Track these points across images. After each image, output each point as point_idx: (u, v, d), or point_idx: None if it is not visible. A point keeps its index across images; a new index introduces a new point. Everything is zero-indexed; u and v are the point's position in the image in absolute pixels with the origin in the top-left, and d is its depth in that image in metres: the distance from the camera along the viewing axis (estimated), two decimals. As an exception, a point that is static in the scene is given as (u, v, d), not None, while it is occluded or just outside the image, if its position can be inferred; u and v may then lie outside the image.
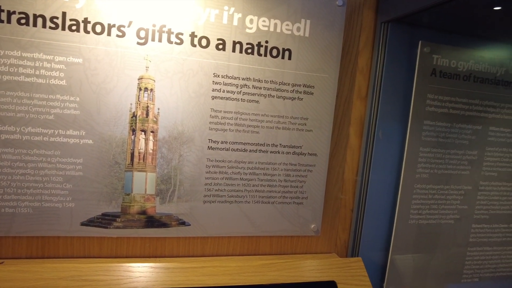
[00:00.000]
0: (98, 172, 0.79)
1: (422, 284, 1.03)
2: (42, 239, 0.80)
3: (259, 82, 0.86)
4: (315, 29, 0.87)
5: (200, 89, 0.82)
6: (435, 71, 0.94)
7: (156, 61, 0.79)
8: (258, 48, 0.85)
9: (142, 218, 0.83)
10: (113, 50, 0.77)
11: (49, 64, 0.74)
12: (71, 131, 0.77)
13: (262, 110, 0.87)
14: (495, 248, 1.08)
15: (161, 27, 0.79)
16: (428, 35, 0.94)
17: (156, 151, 0.82)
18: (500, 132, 1.02)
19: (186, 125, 0.82)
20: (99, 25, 0.76)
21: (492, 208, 1.05)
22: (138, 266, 0.75)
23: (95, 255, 0.83)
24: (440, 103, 0.95)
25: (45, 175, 0.77)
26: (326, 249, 0.99)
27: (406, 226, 0.98)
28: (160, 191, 0.83)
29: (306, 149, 0.91)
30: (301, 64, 0.88)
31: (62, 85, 0.75)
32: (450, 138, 0.98)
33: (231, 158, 0.87)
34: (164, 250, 0.87)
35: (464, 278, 1.06)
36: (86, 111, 0.77)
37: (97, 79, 0.77)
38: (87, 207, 0.80)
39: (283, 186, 0.91)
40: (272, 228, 0.92)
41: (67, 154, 0.77)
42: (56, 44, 0.74)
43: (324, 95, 0.91)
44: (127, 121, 0.80)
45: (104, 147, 0.79)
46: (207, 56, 0.82)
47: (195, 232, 0.87)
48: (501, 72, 0.99)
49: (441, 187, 1.00)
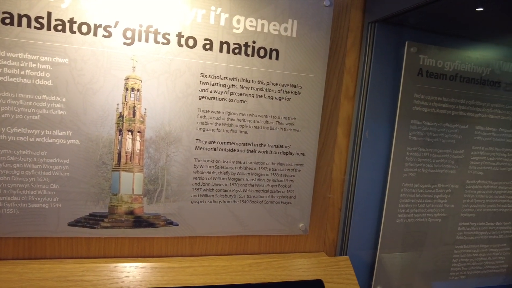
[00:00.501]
0: (85, 172, 0.79)
1: (410, 282, 1.04)
2: (28, 240, 0.80)
3: (246, 82, 0.86)
4: (302, 29, 0.88)
5: (187, 89, 0.82)
6: (422, 71, 0.95)
7: (142, 61, 0.79)
8: (246, 48, 0.85)
9: (130, 218, 0.83)
10: (100, 51, 0.77)
11: (35, 64, 0.74)
12: (58, 131, 0.77)
13: (249, 110, 0.87)
14: (482, 246, 1.09)
15: (147, 27, 0.79)
16: (415, 35, 0.94)
17: (143, 151, 0.82)
18: (486, 132, 1.03)
19: (173, 125, 0.83)
20: (85, 25, 0.76)
21: (479, 206, 1.07)
22: (125, 266, 0.75)
23: (83, 255, 0.83)
24: (427, 102, 0.96)
25: (31, 176, 0.76)
26: (315, 248, 1.00)
27: (394, 225, 0.99)
28: (147, 191, 0.83)
29: (294, 149, 0.92)
30: (289, 64, 0.88)
31: (48, 85, 0.75)
32: (437, 138, 0.99)
33: (219, 158, 0.87)
34: (152, 250, 0.88)
35: (452, 275, 1.08)
36: (72, 111, 0.77)
37: (84, 79, 0.77)
38: (74, 207, 0.80)
39: (271, 186, 0.92)
40: (260, 228, 0.92)
41: (53, 155, 0.77)
42: (41, 44, 0.74)
43: (312, 95, 0.91)
44: (114, 122, 0.80)
45: (91, 148, 0.79)
46: (194, 56, 0.82)
47: (183, 232, 0.87)
48: (486, 72, 1.00)
49: (428, 186, 1.01)
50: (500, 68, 1.03)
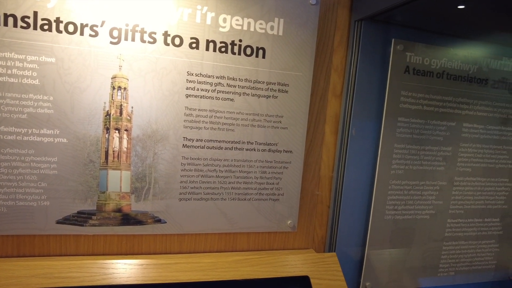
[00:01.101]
0: (73, 170, 0.80)
1: (399, 279, 1.04)
2: (17, 238, 0.81)
3: (233, 81, 0.87)
4: (288, 27, 0.89)
5: (174, 88, 0.83)
6: (409, 68, 0.95)
7: (129, 60, 0.80)
8: (232, 47, 0.86)
9: (118, 216, 0.84)
10: (86, 50, 0.78)
11: (21, 63, 0.75)
12: (45, 130, 0.78)
13: (237, 108, 0.88)
14: (470, 242, 1.10)
15: (134, 26, 0.80)
16: (401, 33, 0.95)
17: (130, 149, 0.83)
18: (473, 129, 1.04)
19: (160, 123, 0.83)
20: (72, 25, 0.76)
21: (467, 203, 1.07)
22: (112, 262, 0.75)
23: (72, 253, 0.84)
24: (414, 100, 0.97)
25: (19, 174, 0.77)
26: (304, 245, 1.01)
27: (382, 222, 1.00)
28: (135, 189, 0.84)
29: (282, 147, 0.93)
30: (275, 63, 0.89)
31: (35, 84, 0.76)
32: (424, 135, 1.00)
33: (206, 156, 0.88)
34: (141, 247, 0.88)
35: (441, 272, 1.08)
36: (60, 110, 0.78)
37: (71, 78, 0.78)
38: (63, 205, 0.80)
39: (259, 183, 0.92)
40: (248, 225, 0.93)
41: (41, 153, 0.78)
42: (28, 44, 0.74)
43: (299, 93, 0.92)
44: (101, 120, 0.80)
45: (78, 146, 0.80)
46: (180, 55, 0.82)
47: (171, 229, 0.88)
48: (473, 69, 1.01)
49: (417, 183, 1.01)
50: (487, 65, 1.04)
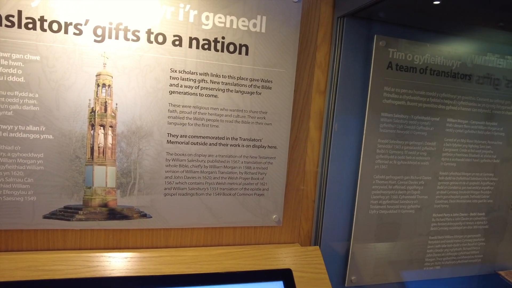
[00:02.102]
0: (59, 166, 0.82)
1: (385, 272, 1.06)
2: (5, 232, 0.82)
3: (217, 77, 0.88)
4: (271, 25, 0.90)
5: (158, 84, 0.84)
6: (391, 64, 0.97)
7: (113, 58, 0.82)
8: (215, 44, 0.87)
9: (104, 211, 0.85)
10: (71, 48, 0.79)
11: (6, 61, 0.76)
12: (31, 126, 0.79)
13: (220, 104, 0.89)
14: (456, 237, 1.11)
15: (117, 24, 0.81)
16: (384, 29, 0.96)
17: (115, 145, 0.84)
18: (457, 124, 1.05)
19: (145, 120, 0.85)
20: (56, 23, 0.78)
21: (452, 197, 1.08)
22: (96, 256, 0.77)
23: (60, 247, 0.86)
24: (397, 95, 0.98)
25: (6, 170, 0.79)
26: (290, 239, 1.02)
27: (366, 216, 1.01)
28: (120, 184, 0.86)
29: (266, 142, 0.94)
30: (258, 59, 0.90)
31: (20, 82, 0.78)
32: (408, 130, 1.01)
33: (191, 152, 0.89)
34: (128, 242, 0.90)
35: (426, 266, 1.10)
36: (45, 107, 0.79)
37: (56, 76, 0.79)
38: (49, 200, 0.82)
39: (244, 178, 0.94)
40: (234, 219, 0.95)
41: (27, 149, 0.80)
42: (12, 42, 0.76)
43: (282, 89, 0.93)
44: (86, 117, 0.82)
45: (64, 142, 0.81)
46: (164, 52, 0.84)
47: (156, 224, 0.89)
48: (456, 65, 1.02)
49: (401, 177, 1.03)
50: (472, 61, 1.05)
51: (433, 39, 1.00)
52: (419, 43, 0.98)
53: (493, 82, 1.08)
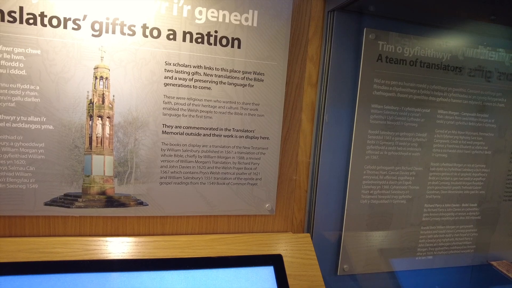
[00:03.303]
0: (59, 155, 0.86)
1: (377, 262, 1.08)
2: (9, 218, 0.86)
3: (210, 70, 0.91)
4: (263, 19, 0.93)
5: (153, 77, 0.88)
6: (381, 56, 0.99)
7: (110, 52, 0.85)
8: (208, 38, 0.90)
9: (102, 198, 0.89)
10: (70, 42, 0.83)
11: (9, 55, 0.80)
12: (32, 117, 0.83)
13: (214, 96, 0.93)
14: (448, 227, 1.13)
15: (114, 19, 0.85)
16: (374, 22, 0.98)
17: (112, 135, 0.88)
18: (448, 115, 1.06)
19: (140, 111, 0.88)
20: (55, 19, 0.82)
21: (444, 188, 1.10)
22: (94, 240, 0.81)
23: (60, 234, 0.90)
24: (387, 87, 1.00)
25: (9, 159, 0.83)
26: (283, 228, 1.05)
27: (358, 206, 1.04)
28: (118, 173, 0.89)
29: (259, 133, 0.97)
30: (251, 53, 0.93)
31: (22, 74, 0.82)
32: (399, 121, 1.03)
33: (185, 142, 0.92)
34: (125, 229, 0.94)
35: (418, 255, 1.11)
36: (46, 98, 0.83)
37: (56, 69, 0.83)
38: (50, 188, 0.86)
39: (237, 168, 0.97)
40: (228, 208, 0.98)
41: (29, 139, 0.84)
42: (14, 37, 0.80)
43: (274, 82, 0.96)
44: (85, 108, 0.86)
45: (64, 132, 0.85)
46: (158, 46, 0.87)
47: (153, 211, 0.93)
48: (447, 57, 1.04)
49: (392, 168, 1.05)
50: (463, 54, 1.06)
51: (423, 32, 1.02)
52: (409, 36, 1.00)
53: (485, 74, 1.10)
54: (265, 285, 0.82)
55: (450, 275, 1.17)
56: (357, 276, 1.06)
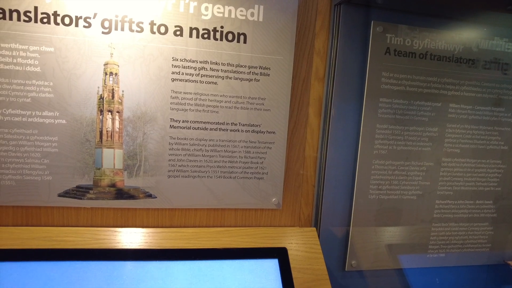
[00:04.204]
0: (71, 148, 0.89)
1: (385, 258, 1.06)
2: (26, 209, 0.91)
3: (216, 65, 0.93)
4: (268, 13, 0.93)
5: (160, 72, 0.90)
6: (389, 49, 0.97)
7: (119, 48, 0.88)
8: (214, 33, 0.91)
9: (112, 191, 0.92)
10: (81, 40, 0.86)
11: (25, 53, 0.84)
12: (47, 112, 0.87)
13: (220, 91, 0.94)
14: (462, 224, 1.10)
15: (123, 17, 0.87)
16: (382, 15, 0.97)
17: (122, 129, 0.91)
18: (461, 109, 1.04)
19: (149, 106, 0.91)
20: (67, 17, 0.85)
21: (456, 184, 1.07)
22: (103, 230, 0.84)
23: (73, 224, 0.93)
24: (396, 81, 0.99)
25: (25, 152, 0.87)
26: (290, 223, 1.05)
27: (366, 201, 1.03)
28: (127, 166, 0.92)
29: (265, 128, 0.98)
30: (256, 47, 0.94)
31: (37, 71, 0.85)
32: (408, 115, 1.01)
33: (192, 136, 0.94)
34: (135, 221, 0.96)
35: (430, 253, 1.09)
36: (59, 94, 0.87)
37: (68, 65, 0.87)
38: (63, 180, 0.90)
39: (244, 162, 0.98)
40: (235, 201, 0.99)
41: (43, 133, 0.87)
42: (30, 35, 0.84)
43: (280, 76, 0.96)
44: (96, 103, 0.89)
45: (76, 126, 0.89)
46: (166, 42, 0.89)
47: (161, 204, 0.95)
48: (459, 49, 1.01)
49: (401, 163, 1.03)
50: (477, 46, 1.03)
51: (434, 24, 0.99)
52: (418, 28, 0.98)
53: (501, 67, 1.06)
54: (269, 277, 0.82)
55: (464, 274, 1.13)
56: (366, 272, 1.05)
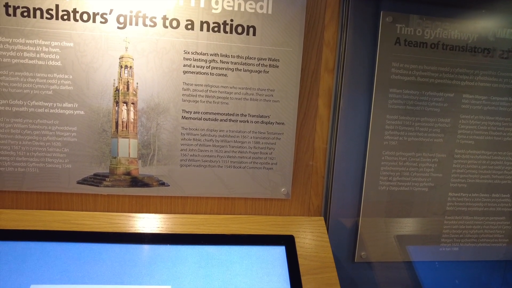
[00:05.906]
0: (89, 138, 0.94)
1: (395, 250, 1.06)
2: (48, 194, 0.97)
3: (226, 57, 0.95)
4: (277, 6, 0.95)
5: (172, 65, 0.94)
6: (399, 40, 0.97)
7: (134, 42, 0.92)
8: (224, 26, 0.94)
9: (127, 178, 0.97)
10: (98, 35, 0.91)
11: (47, 48, 0.90)
12: (66, 103, 0.92)
13: (230, 83, 0.96)
14: (476, 218, 1.07)
15: (137, 12, 0.91)
16: (391, 5, 0.97)
17: (136, 120, 0.95)
18: (475, 100, 1.02)
19: (162, 97, 0.94)
20: (86, 14, 0.90)
21: (470, 176, 1.05)
22: (118, 215, 0.88)
23: (90, 209, 0.98)
24: (406, 71, 0.98)
25: (47, 141, 0.93)
26: (300, 213, 1.06)
27: (376, 193, 1.02)
28: (141, 155, 0.96)
29: (274, 119, 0.99)
30: (266, 39, 0.96)
31: (58, 65, 0.91)
32: (419, 106, 1.00)
33: (203, 127, 0.97)
34: (149, 208, 1.00)
35: (442, 246, 1.08)
36: (77, 86, 0.92)
37: (86, 59, 0.92)
38: (81, 168, 0.95)
39: (253, 153, 1.00)
40: (244, 190, 1.01)
41: (64, 123, 0.93)
42: (51, 32, 0.89)
43: (289, 68, 0.98)
44: (112, 95, 0.93)
45: (93, 117, 0.94)
46: (177, 36, 0.93)
47: (174, 192, 0.99)
48: (473, 39, 0.99)
49: (412, 154, 1.02)
50: (494, 34, 1.01)
51: (446, 13, 0.98)
52: (429, 18, 0.97)
53: (520, 56, 1.03)
54: (276, 263, 0.84)
55: (480, 269, 1.11)
56: (376, 264, 1.05)
